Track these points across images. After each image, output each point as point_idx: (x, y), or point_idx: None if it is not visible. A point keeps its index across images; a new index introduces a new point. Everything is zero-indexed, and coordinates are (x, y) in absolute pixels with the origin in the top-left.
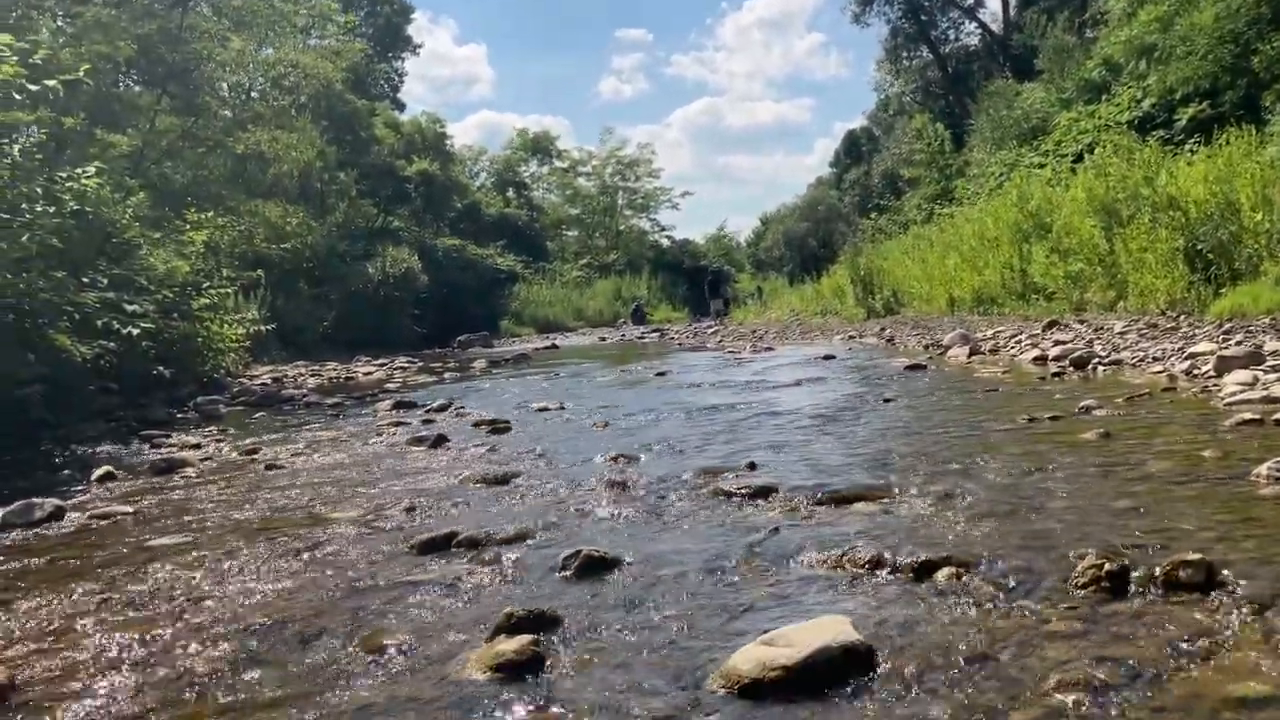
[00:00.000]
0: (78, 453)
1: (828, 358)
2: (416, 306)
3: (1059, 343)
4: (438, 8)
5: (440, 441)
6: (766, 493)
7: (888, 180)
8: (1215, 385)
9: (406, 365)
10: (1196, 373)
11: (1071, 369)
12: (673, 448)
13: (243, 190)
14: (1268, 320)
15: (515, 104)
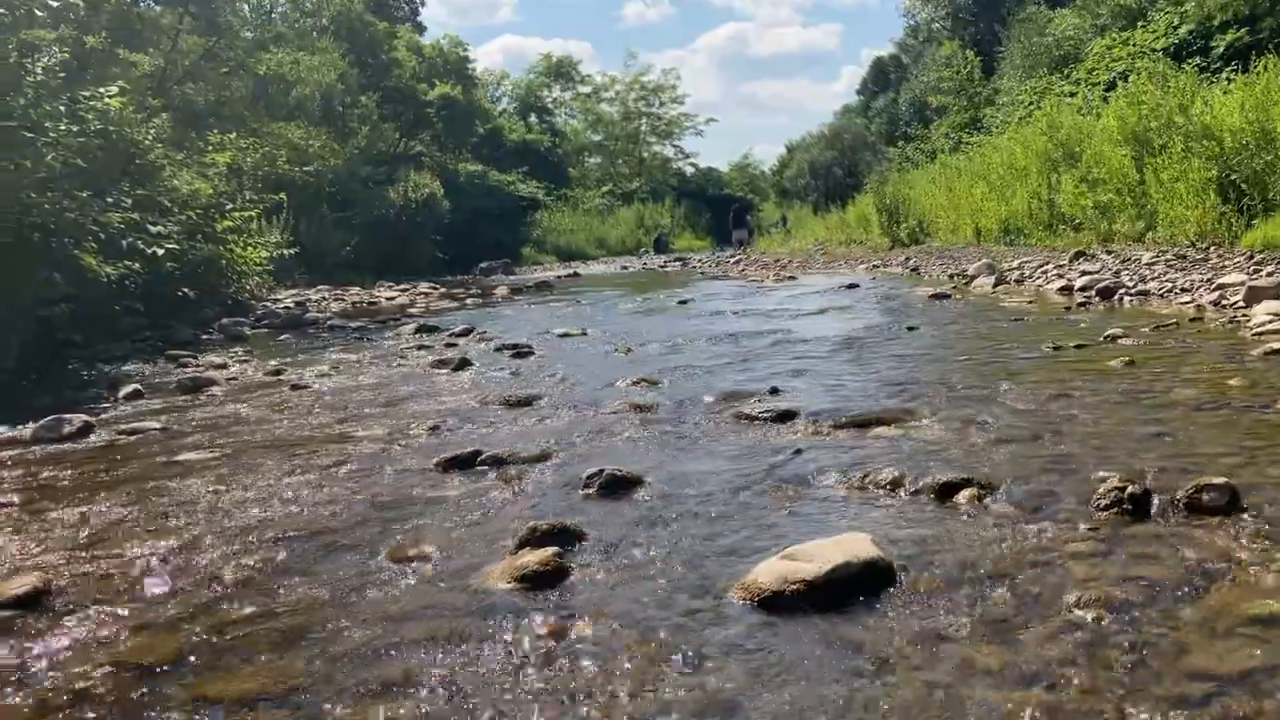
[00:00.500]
0: (105, 371)
1: (851, 287)
2: (438, 233)
3: (1085, 273)
4: None
5: (463, 365)
6: (788, 417)
7: (915, 108)
8: (1244, 316)
9: (429, 291)
10: (1225, 303)
11: (1098, 299)
12: (695, 373)
13: (265, 112)
14: None
15: (538, 28)
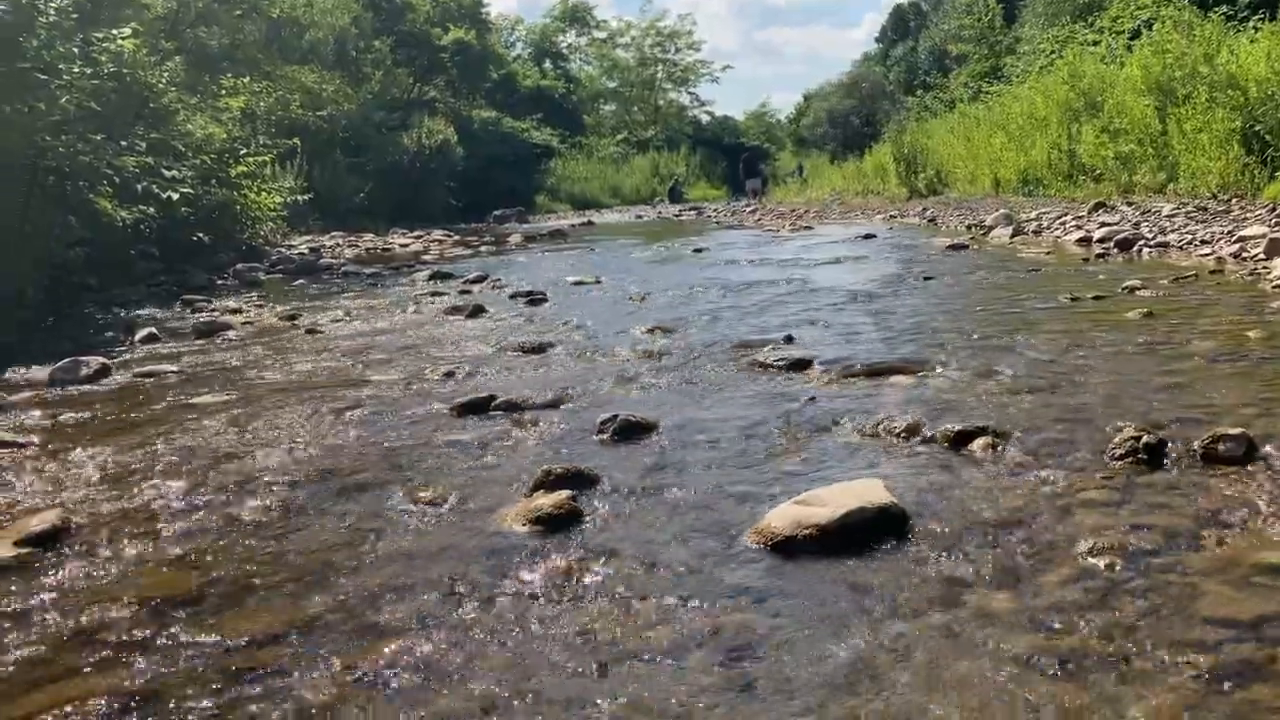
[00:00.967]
0: (121, 315)
1: (868, 237)
2: (452, 180)
3: (1105, 224)
4: None
5: (477, 311)
6: (803, 365)
7: (935, 57)
8: (1264, 268)
9: (442, 238)
10: (1246, 256)
11: (1116, 251)
12: (710, 321)
13: (278, 56)
14: None
15: None
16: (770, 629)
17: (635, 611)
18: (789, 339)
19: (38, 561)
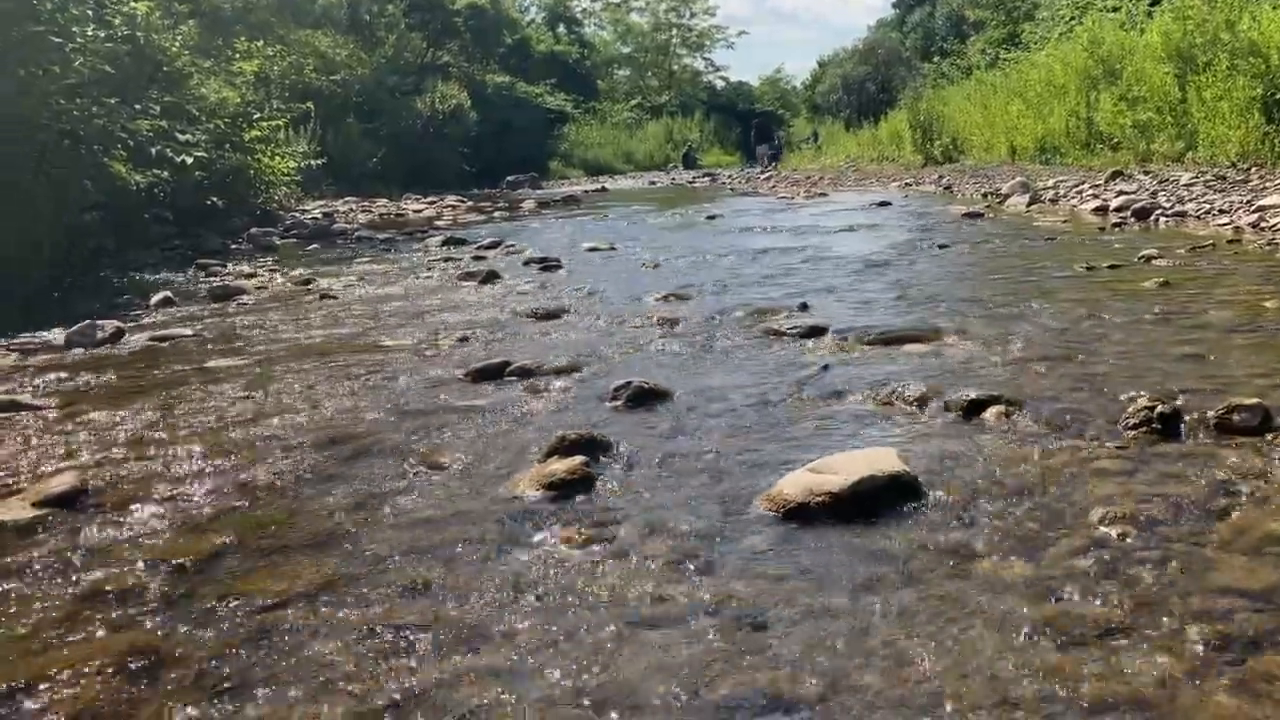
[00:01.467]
0: (136, 279)
1: (883, 204)
2: (465, 145)
3: (1122, 193)
4: None
5: (491, 277)
6: (817, 332)
7: (952, 23)
8: None
9: (456, 204)
10: (1264, 225)
11: (1133, 220)
12: (724, 288)
13: (291, 20)
14: None
15: None
16: (782, 595)
17: (648, 576)
18: (803, 306)
19: (57, 522)
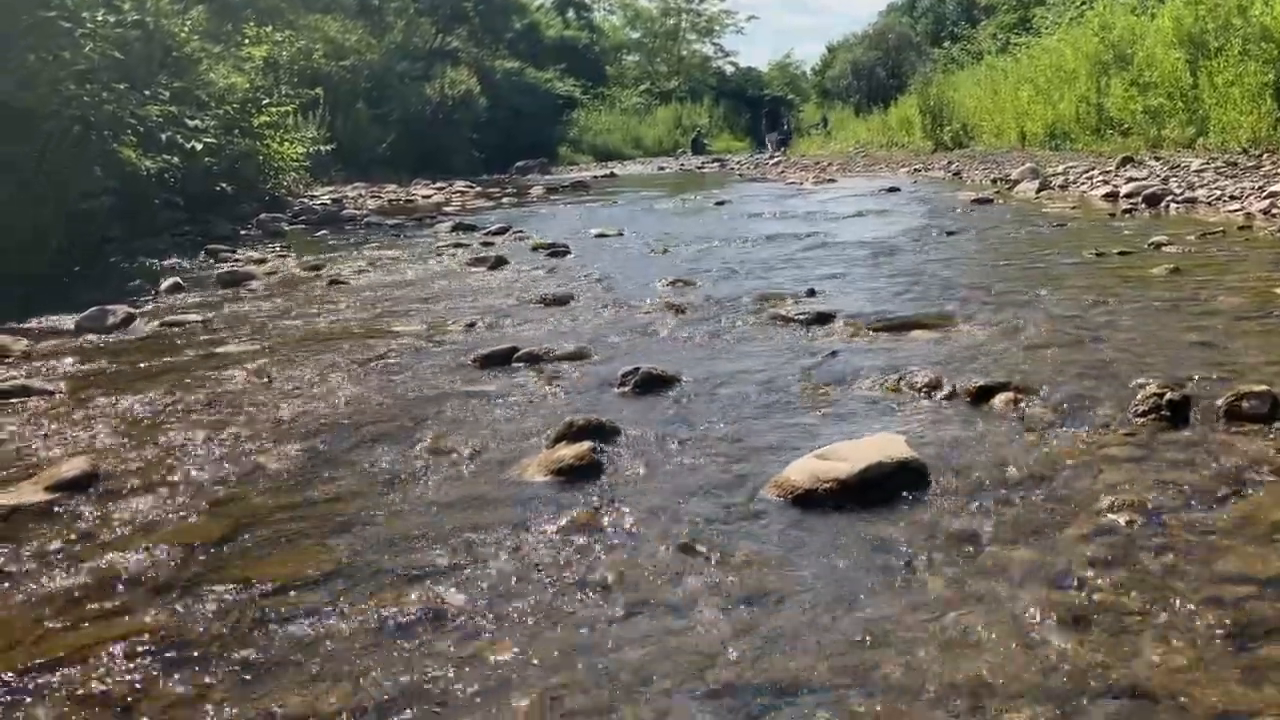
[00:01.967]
0: (146, 265)
1: (892, 190)
2: (474, 131)
3: (1132, 179)
4: None
5: (500, 263)
6: (825, 319)
7: (963, 8)
8: None
9: (465, 190)
10: (1275, 212)
11: (1144, 206)
12: (732, 274)
13: (301, 5)
14: None
15: None
16: (788, 580)
17: (655, 561)
18: (811, 292)
19: (68, 507)
